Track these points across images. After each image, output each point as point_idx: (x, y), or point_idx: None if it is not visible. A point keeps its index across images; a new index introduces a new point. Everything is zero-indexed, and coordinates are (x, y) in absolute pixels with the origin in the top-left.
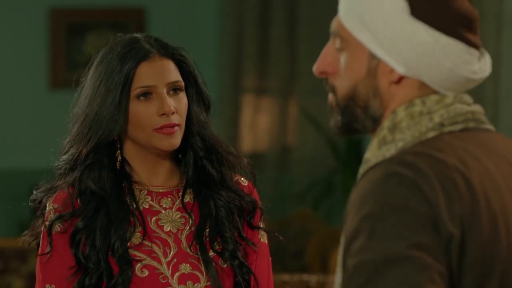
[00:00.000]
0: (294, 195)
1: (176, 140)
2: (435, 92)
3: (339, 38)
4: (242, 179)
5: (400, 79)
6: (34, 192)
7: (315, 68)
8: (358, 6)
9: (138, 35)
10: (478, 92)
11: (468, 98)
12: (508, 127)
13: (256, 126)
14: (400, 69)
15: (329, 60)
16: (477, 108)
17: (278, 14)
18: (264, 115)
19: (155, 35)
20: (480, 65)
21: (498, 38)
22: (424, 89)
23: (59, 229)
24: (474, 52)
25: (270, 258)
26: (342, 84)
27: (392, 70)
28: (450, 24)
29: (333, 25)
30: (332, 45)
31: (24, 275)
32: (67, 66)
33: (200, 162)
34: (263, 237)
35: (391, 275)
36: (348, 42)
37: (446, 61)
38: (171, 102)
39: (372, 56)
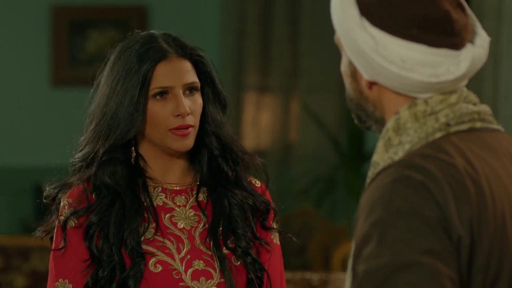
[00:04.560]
0: (296, 192)
1: (190, 141)
2: (409, 97)
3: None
4: (255, 180)
5: (371, 84)
6: (47, 189)
7: None
8: (332, 12)
9: (156, 32)
10: (477, 89)
11: (473, 97)
12: (507, 124)
13: (258, 123)
14: (364, 75)
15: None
16: (484, 108)
17: (280, 11)
18: (266, 112)
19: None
20: (453, 65)
21: (497, 35)
22: (399, 95)
23: (73, 224)
24: (446, 51)
25: (282, 259)
26: (346, 87)
27: (362, 75)
28: (403, 26)
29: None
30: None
31: (26, 272)
32: (69, 64)
33: (215, 160)
34: (276, 238)
35: (401, 282)
36: (341, 48)
37: (391, 66)
38: (186, 102)
39: (350, 61)
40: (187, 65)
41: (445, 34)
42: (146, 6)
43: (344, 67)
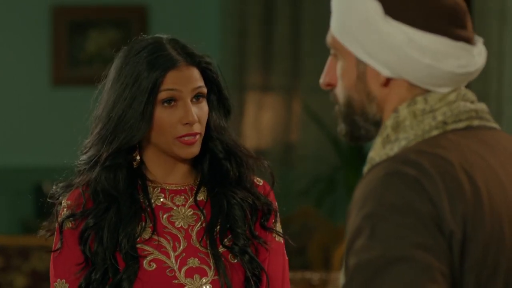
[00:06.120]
0: (297, 192)
1: (196, 149)
2: (426, 90)
3: (333, 49)
4: (257, 178)
5: (387, 81)
6: (53, 187)
7: (321, 82)
8: (340, 13)
9: (162, 38)
10: (482, 88)
11: (471, 95)
12: (511, 124)
13: (259, 123)
14: (384, 71)
15: (331, 72)
16: (481, 106)
17: (282, 11)
18: (268, 112)
19: (158, 33)
20: (470, 58)
21: (501, 35)
22: (414, 88)
23: (70, 225)
24: (462, 45)
25: (286, 258)
26: (340, 93)
27: (378, 73)
28: (427, 20)
29: (327, 38)
30: (332, 57)
31: (26, 272)
32: (69, 64)
33: (218, 162)
34: (278, 237)
35: (392, 275)
36: (340, 51)
37: (423, 58)
38: (194, 110)
39: (359, 62)
40: (196, 73)
41: (461, 28)
42: (146, 6)
43: (343, 71)
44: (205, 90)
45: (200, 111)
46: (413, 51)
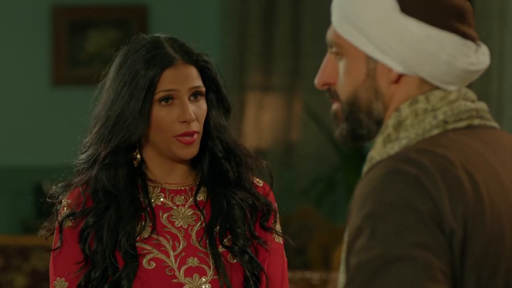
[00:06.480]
0: (297, 192)
1: (195, 149)
2: (436, 87)
3: (335, 47)
4: (258, 179)
5: (399, 77)
6: (53, 187)
7: (317, 81)
8: (349, 11)
9: (161, 37)
10: (483, 88)
11: (472, 94)
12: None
13: (259, 123)
14: (397, 68)
15: (329, 71)
16: (481, 105)
17: (282, 11)
18: (268, 112)
19: (158, 33)
20: (477, 57)
21: (501, 35)
22: (424, 85)
23: (70, 224)
24: (470, 44)
25: (285, 259)
26: (343, 91)
27: (390, 70)
28: (441, 17)
29: (328, 35)
30: (331, 55)
31: (26, 272)
32: (69, 64)
33: (217, 162)
34: (278, 238)
35: (393, 274)
36: (344, 48)
37: (441, 54)
38: (192, 108)
39: (369, 59)
40: (193, 71)
41: (468, 26)
42: (146, 6)
43: (349, 68)
44: (203, 88)
45: (198, 109)
46: (432, 47)
